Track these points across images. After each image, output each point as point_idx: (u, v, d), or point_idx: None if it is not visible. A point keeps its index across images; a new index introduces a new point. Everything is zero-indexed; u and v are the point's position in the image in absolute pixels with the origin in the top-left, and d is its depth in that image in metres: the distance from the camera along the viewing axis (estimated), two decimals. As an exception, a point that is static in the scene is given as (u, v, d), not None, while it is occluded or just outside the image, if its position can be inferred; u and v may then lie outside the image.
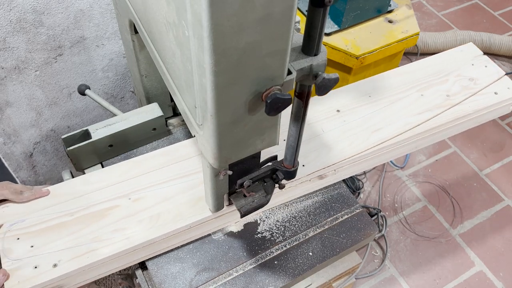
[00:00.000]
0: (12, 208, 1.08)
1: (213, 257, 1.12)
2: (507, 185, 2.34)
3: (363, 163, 1.22)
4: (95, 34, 1.69)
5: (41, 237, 1.04)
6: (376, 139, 1.20)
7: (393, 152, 1.24)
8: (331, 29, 1.75)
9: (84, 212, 1.09)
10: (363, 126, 1.24)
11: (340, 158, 1.17)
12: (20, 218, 1.06)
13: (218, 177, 0.92)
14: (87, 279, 1.04)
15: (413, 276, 2.02)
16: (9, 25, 1.49)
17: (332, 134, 1.22)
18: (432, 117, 1.25)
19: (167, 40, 0.78)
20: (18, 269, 0.98)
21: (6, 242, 1.02)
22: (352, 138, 1.21)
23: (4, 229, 1.04)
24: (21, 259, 0.99)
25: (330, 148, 1.18)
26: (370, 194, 2.28)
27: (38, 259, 1.00)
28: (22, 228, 1.05)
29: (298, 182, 1.15)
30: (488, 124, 2.59)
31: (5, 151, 1.88)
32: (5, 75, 1.63)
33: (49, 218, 1.07)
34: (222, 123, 0.71)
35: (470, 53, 1.46)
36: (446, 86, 1.34)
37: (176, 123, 1.41)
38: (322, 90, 0.75)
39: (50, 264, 0.99)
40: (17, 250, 1.01)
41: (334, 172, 1.18)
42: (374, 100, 1.30)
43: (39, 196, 1.10)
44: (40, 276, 0.97)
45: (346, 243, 1.17)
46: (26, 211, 1.08)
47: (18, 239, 1.03)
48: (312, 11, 0.68)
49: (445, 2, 3.28)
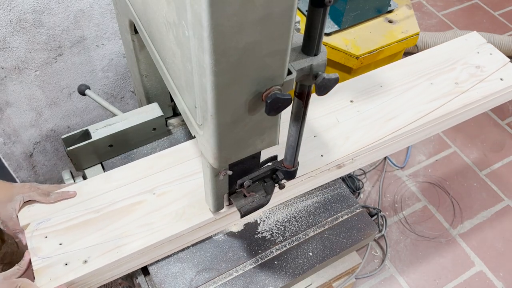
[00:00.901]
0: (37, 208, 1.09)
1: (213, 257, 1.12)
2: (507, 185, 2.34)
3: (379, 151, 1.25)
4: (95, 34, 1.69)
5: (69, 234, 1.05)
6: (390, 127, 1.24)
7: (407, 140, 1.28)
8: (331, 29, 1.75)
9: (109, 209, 1.10)
10: (377, 115, 1.27)
11: (357, 147, 1.19)
12: (46, 217, 1.07)
13: (218, 177, 0.92)
14: (115, 275, 1.05)
15: (413, 276, 2.02)
16: (9, 25, 1.49)
17: (348, 124, 1.25)
18: (443, 104, 1.29)
19: (167, 40, 0.78)
20: (49, 267, 0.99)
21: (34, 240, 1.04)
22: (367, 127, 1.24)
23: (31, 228, 1.06)
24: (50, 257, 1.01)
25: (347, 138, 1.22)
26: (370, 194, 2.28)
27: (68, 256, 1.01)
28: (49, 226, 1.06)
29: (317, 172, 1.17)
30: (488, 124, 2.59)
31: (5, 151, 1.88)
32: (5, 75, 1.63)
33: (75, 216, 1.08)
34: (222, 123, 0.71)
35: (475, 41, 1.50)
36: (454, 74, 1.38)
37: (176, 123, 1.41)
38: (322, 90, 0.75)
39: (80, 261, 1.00)
40: (46, 248, 1.02)
41: (352, 161, 1.21)
42: (386, 90, 1.33)
43: (66, 198, 1.11)
44: (71, 273, 0.98)
45: (346, 243, 1.16)
46: (51, 210, 1.09)
47: (46, 237, 1.04)
48: (312, 11, 0.68)
49: (445, 2, 3.28)
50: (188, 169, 1.18)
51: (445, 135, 2.54)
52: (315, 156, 1.18)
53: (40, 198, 1.08)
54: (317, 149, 1.19)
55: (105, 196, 1.12)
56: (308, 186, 1.22)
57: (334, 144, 1.20)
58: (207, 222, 1.09)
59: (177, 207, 1.10)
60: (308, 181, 1.18)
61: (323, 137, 1.22)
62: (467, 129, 2.56)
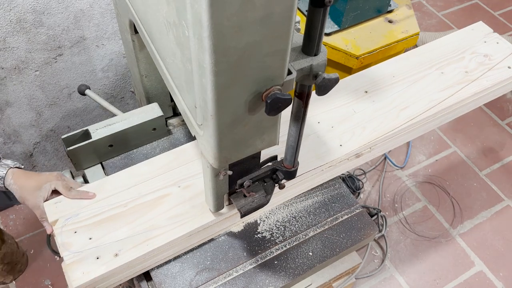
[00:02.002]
0: (64, 204, 1.10)
1: (213, 257, 1.12)
2: (507, 185, 2.34)
3: (395, 139, 1.28)
4: (95, 34, 1.69)
5: (98, 229, 1.06)
6: (405, 116, 1.27)
7: (421, 128, 1.31)
8: (331, 29, 1.75)
9: (137, 202, 1.11)
10: (391, 105, 1.30)
11: (374, 137, 1.22)
12: (74, 213, 1.09)
13: (218, 177, 0.92)
14: (145, 267, 1.07)
15: (413, 276, 2.02)
16: (9, 25, 1.49)
17: (364, 114, 1.28)
18: (454, 93, 1.33)
19: (167, 40, 0.78)
20: (81, 261, 1.00)
21: (64, 236, 1.05)
22: (382, 117, 1.27)
23: (60, 224, 1.07)
24: (81, 251, 1.02)
25: (364, 128, 1.25)
26: (370, 194, 2.28)
27: (99, 250, 1.03)
28: (78, 222, 1.07)
29: (337, 161, 1.19)
30: (488, 124, 2.59)
31: (5, 151, 1.88)
32: (5, 75, 1.63)
33: (103, 210, 1.10)
34: (222, 123, 0.71)
35: (482, 31, 1.53)
36: (463, 63, 1.42)
37: (176, 123, 1.41)
38: (322, 90, 0.75)
39: (112, 254, 1.02)
40: (76, 243, 1.04)
41: (369, 150, 1.23)
42: (398, 79, 1.37)
43: (84, 198, 1.11)
44: (103, 266, 0.99)
45: (346, 243, 1.16)
46: (79, 205, 1.10)
47: (76, 232, 1.05)
48: (312, 11, 0.68)
49: (445, 2, 3.28)
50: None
51: (445, 135, 2.54)
52: (334, 146, 1.21)
53: (62, 190, 1.10)
54: (335, 139, 1.22)
55: (130, 190, 1.14)
56: (328, 176, 1.24)
57: (352, 133, 1.23)
58: (234, 212, 1.10)
59: (203, 198, 1.11)
60: (328, 170, 1.20)
61: (341, 127, 1.25)
62: (467, 129, 2.56)
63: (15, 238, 1.94)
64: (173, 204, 1.11)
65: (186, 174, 1.17)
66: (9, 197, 2.11)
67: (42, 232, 2.10)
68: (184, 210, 1.09)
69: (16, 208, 2.17)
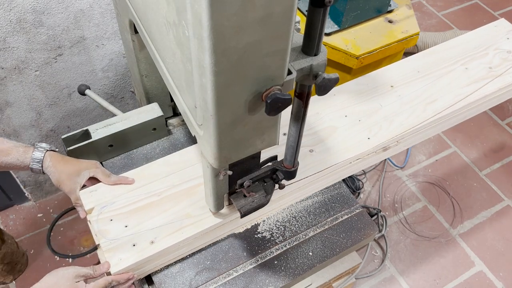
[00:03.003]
0: (99, 193, 1.13)
1: (213, 257, 1.12)
2: (507, 185, 2.34)
3: (421, 133, 1.30)
4: (95, 34, 1.69)
5: (133, 217, 1.09)
6: (432, 110, 1.29)
7: (447, 122, 1.34)
8: (331, 29, 1.75)
9: (171, 192, 1.14)
10: (418, 99, 1.32)
11: (401, 130, 1.24)
12: (110, 201, 1.11)
13: (218, 177, 0.92)
14: (178, 256, 1.10)
15: (413, 276, 2.02)
16: (9, 25, 1.49)
17: (391, 108, 1.30)
18: (479, 88, 1.35)
19: (167, 40, 0.78)
20: (117, 248, 1.03)
21: (101, 223, 1.08)
22: (409, 111, 1.29)
23: (96, 212, 1.09)
24: (118, 239, 1.05)
25: (391, 121, 1.26)
26: (370, 194, 2.28)
27: (135, 237, 1.05)
28: (113, 210, 1.10)
29: (365, 154, 1.20)
30: (488, 124, 2.59)
31: (5, 151, 1.87)
32: (5, 75, 1.63)
33: (138, 199, 1.12)
34: (222, 123, 0.71)
35: (504, 27, 1.57)
36: (487, 59, 1.45)
37: (176, 123, 1.41)
38: (322, 90, 0.75)
39: (148, 241, 1.04)
40: (112, 230, 1.06)
41: (396, 143, 1.25)
42: (423, 75, 1.39)
43: (124, 183, 1.14)
44: (140, 253, 1.02)
45: (346, 243, 1.16)
46: (114, 194, 1.13)
47: (111, 220, 1.08)
48: (312, 11, 0.68)
49: (445, 2, 3.28)
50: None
51: (445, 135, 2.54)
52: (362, 139, 1.22)
53: (102, 177, 1.13)
54: (363, 132, 1.24)
55: (164, 180, 1.16)
56: (354, 169, 1.25)
57: (379, 127, 1.25)
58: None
59: None
60: (355, 163, 1.22)
61: (368, 121, 1.27)
62: (467, 129, 2.56)
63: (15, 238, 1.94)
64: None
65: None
66: (9, 197, 2.11)
67: (42, 232, 2.10)
68: None
69: (16, 208, 2.17)
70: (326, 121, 1.26)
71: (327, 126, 1.24)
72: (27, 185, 2.09)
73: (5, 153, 1.04)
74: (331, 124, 1.25)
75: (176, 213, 1.09)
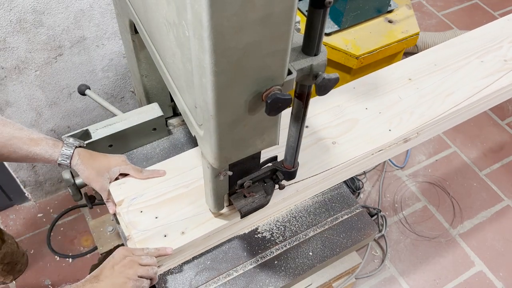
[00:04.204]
0: (128, 185, 1.15)
1: (213, 257, 1.12)
2: (507, 185, 2.34)
3: (441, 125, 1.32)
4: (95, 34, 1.69)
5: (163, 208, 1.10)
6: (450, 102, 1.31)
7: (465, 114, 1.36)
8: (331, 29, 1.75)
9: (199, 183, 1.15)
10: (436, 91, 1.34)
11: (421, 122, 1.26)
12: (139, 193, 1.13)
13: (218, 177, 0.92)
14: (207, 246, 1.11)
15: (413, 276, 2.02)
16: (9, 25, 1.49)
17: (410, 101, 1.32)
18: (496, 80, 1.37)
19: (167, 40, 0.78)
20: (149, 239, 1.05)
21: (131, 215, 1.09)
22: (428, 103, 1.31)
23: (126, 204, 1.11)
24: (149, 230, 1.07)
25: (411, 113, 1.28)
26: (370, 194, 2.29)
27: (166, 228, 1.07)
28: (143, 202, 1.12)
29: (387, 145, 1.22)
30: (488, 124, 2.59)
31: (5, 151, 1.87)
32: (5, 75, 1.63)
33: (166, 191, 1.14)
34: (222, 123, 0.71)
35: None
36: (502, 52, 1.46)
37: (176, 123, 1.41)
38: (322, 90, 0.75)
39: (178, 232, 1.06)
40: (143, 222, 1.08)
41: (416, 135, 1.26)
42: (440, 68, 1.41)
43: (156, 176, 1.16)
44: (171, 244, 1.04)
45: (346, 243, 1.16)
46: (143, 186, 1.15)
47: (142, 212, 1.10)
48: (312, 12, 0.68)
49: (445, 2, 3.28)
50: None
51: (445, 135, 2.54)
52: (383, 131, 1.24)
53: (133, 173, 1.14)
54: (384, 124, 1.26)
55: (192, 172, 1.17)
56: (377, 160, 1.26)
57: (400, 119, 1.27)
58: (291, 193, 1.14)
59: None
60: (377, 155, 1.24)
61: (388, 113, 1.29)
62: (467, 129, 2.56)
63: (15, 238, 1.94)
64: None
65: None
66: (9, 197, 2.11)
67: (42, 232, 2.10)
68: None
69: (16, 208, 2.17)
70: (348, 114, 1.29)
71: (348, 119, 1.27)
72: (27, 185, 2.09)
73: (35, 142, 1.03)
74: (352, 116, 1.28)
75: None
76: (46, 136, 1.06)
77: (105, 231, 1.62)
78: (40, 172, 2.06)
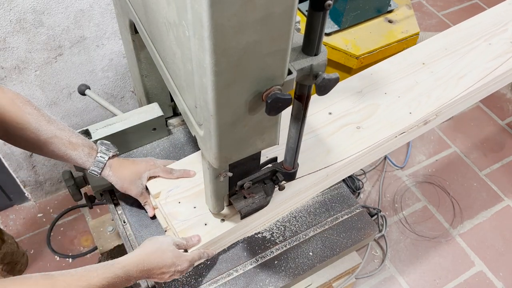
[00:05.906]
0: (163, 178, 1.17)
1: (213, 257, 1.12)
2: (507, 185, 2.34)
3: (458, 106, 1.37)
4: (95, 34, 1.69)
5: (200, 198, 1.12)
6: (464, 84, 1.36)
7: (479, 94, 1.41)
8: (331, 29, 1.75)
9: None
10: (449, 74, 1.39)
11: (439, 104, 1.30)
12: (175, 185, 1.16)
13: (218, 178, 0.92)
14: (244, 234, 1.15)
15: (413, 276, 2.02)
16: (9, 25, 1.49)
17: (425, 84, 1.36)
18: (505, 61, 1.42)
19: (168, 40, 0.78)
20: (191, 228, 1.08)
21: (170, 206, 1.12)
22: (444, 85, 1.35)
23: (163, 196, 1.14)
24: (189, 219, 1.09)
25: (428, 96, 1.32)
26: (370, 194, 2.29)
27: (205, 217, 1.10)
28: (179, 193, 1.14)
29: (408, 128, 1.26)
30: (488, 124, 2.59)
31: (5, 151, 1.88)
32: (5, 75, 1.63)
33: (201, 181, 1.14)
34: (222, 123, 0.71)
35: None
36: (507, 34, 1.52)
37: (176, 123, 1.41)
38: (322, 90, 0.75)
39: (218, 220, 1.09)
40: (183, 212, 1.11)
41: (435, 116, 1.30)
42: (451, 52, 1.47)
43: (186, 176, 1.18)
44: (212, 231, 1.07)
45: (346, 243, 1.16)
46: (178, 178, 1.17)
47: (179, 202, 1.13)
48: (312, 14, 0.68)
49: (445, 2, 3.28)
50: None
51: (445, 135, 2.54)
52: (404, 114, 1.28)
53: (164, 175, 1.16)
54: (405, 108, 1.30)
55: None
56: (399, 142, 1.29)
57: (418, 102, 1.31)
58: (320, 178, 1.17)
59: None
60: (401, 137, 1.27)
61: (406, 97, 1.33)
62: (467, 129, 2.56)
63: (15, 238, 1.94)
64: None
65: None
66: (9, 197, 2.11)
67: (42, 232, 2.10)
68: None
69: (16, 208, 2.17)
70: (368, 99, 1.32)
71: (370, 104, 1.31)
72: (27, 185, 2.09)
73: (73, 147, 1.04)
74: (373, 101, 1.32)
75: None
76: (83, 141, 1.06)
77: (105, 231, 1.62)
78: (40, 172, 2.06)
